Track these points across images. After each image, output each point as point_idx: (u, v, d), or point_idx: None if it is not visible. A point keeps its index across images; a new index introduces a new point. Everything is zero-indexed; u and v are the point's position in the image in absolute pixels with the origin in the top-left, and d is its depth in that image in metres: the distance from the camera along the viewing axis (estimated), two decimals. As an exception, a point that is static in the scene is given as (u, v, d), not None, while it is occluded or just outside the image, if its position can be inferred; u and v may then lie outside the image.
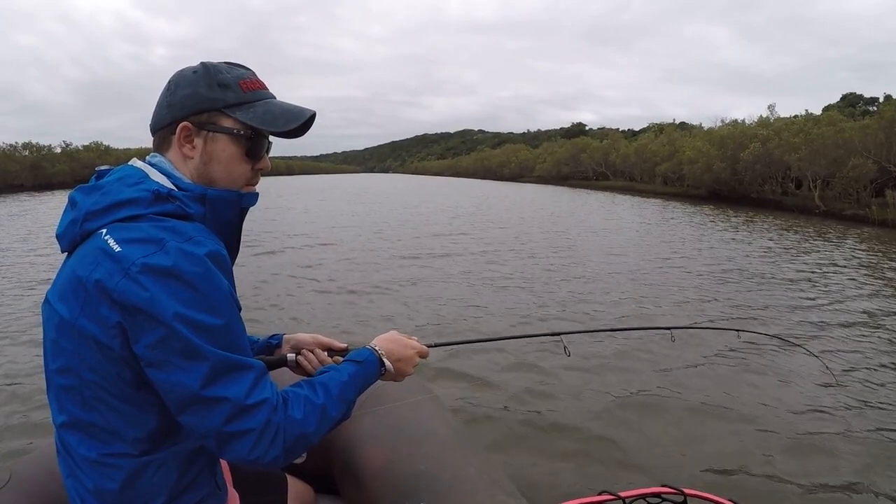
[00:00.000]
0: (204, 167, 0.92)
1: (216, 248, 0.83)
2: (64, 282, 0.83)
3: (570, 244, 11.73)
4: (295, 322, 5.69)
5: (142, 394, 0.83)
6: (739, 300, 6.90)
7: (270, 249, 10.48)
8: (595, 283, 7.64)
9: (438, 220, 17.52)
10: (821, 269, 9.45)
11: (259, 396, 0.81)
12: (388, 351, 1.08)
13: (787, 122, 28.31)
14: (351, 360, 1.02)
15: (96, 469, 0.85)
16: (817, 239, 14.13)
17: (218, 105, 0.90)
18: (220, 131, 0.91)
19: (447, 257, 9.86)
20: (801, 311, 6.41)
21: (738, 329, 2.18)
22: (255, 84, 0.94)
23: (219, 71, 0.91)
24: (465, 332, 5.18)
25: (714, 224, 17.25)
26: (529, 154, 76.70)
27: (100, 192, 0.85)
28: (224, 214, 0.92)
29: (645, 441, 3.25)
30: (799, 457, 3.11)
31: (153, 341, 0.77)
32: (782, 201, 25.26)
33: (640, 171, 42.26)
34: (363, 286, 7.32)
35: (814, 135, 23.18)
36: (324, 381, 0.94)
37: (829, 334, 5.47)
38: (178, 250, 0.78)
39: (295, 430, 0.84)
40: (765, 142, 25.99)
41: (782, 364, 4.43)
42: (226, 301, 0.82)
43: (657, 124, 59.46)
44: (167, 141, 0.93)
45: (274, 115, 0.93)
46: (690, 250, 11.17)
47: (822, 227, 17.55)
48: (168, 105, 0.91)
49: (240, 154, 0.93)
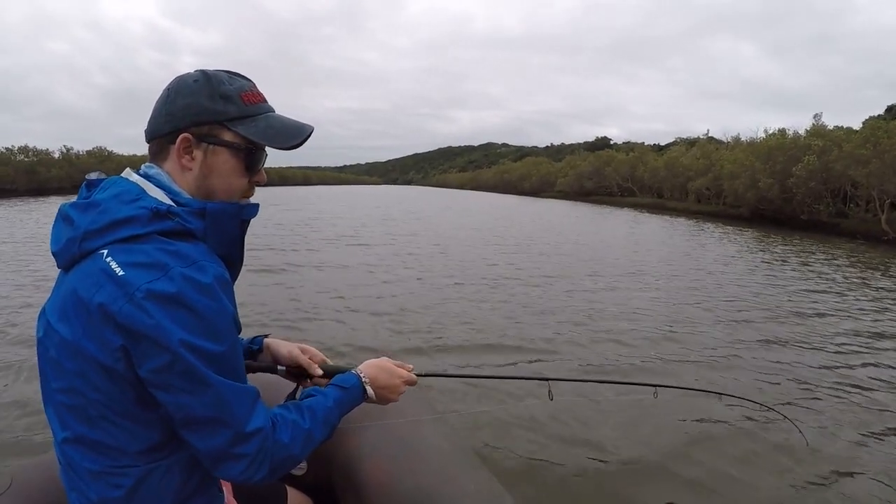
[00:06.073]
0: (203, 179, 0.92)
1: (220, 273, 0.85)
2: (64, 300, 0.83)
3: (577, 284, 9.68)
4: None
5: (147, 412, 0.84)
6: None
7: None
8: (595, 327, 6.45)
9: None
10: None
11: (256, 424, 0.85)
12: (374, 378, 1.10)
13: (848, 132, 25.01)
14: (337, 385, 1.06)
15: (101, 480, 0.86)
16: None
17: (220, 118, 0.90)
18: (222, 144, 0.91)
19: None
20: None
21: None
22: (256, 97, 0.94)
23: (221, 81, 0.90)
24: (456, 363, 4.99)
25: (763, 253, 14.64)
26: (551, 167, 75.44)
27: (97, 210, 0.84)
28: (225, 227, 0.92)
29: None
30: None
31: (158, 366, 0.78)
32: (839, 224, 22.34)
33: (669, 187, 40.56)
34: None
35: (886, 145, 19.80)
36: (311, 406, 0.98)
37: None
38: (182, 276, 0.79)
39: (282, 453, 0.89)
40: (821, 154, 22.85)
41: (751, 430, 3.70)
42: (229, 327, 0.85)
43: (685, 139, 57.13)
44: (165, 150, 0.91)
45: (275, 131, 0.94)
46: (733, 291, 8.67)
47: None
48: (167, 114, 0.90)
49: (239, 167, 0.93)
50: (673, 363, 5.10)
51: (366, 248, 12.73)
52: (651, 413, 3.81)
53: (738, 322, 6.75)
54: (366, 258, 11.03)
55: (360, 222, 20.38)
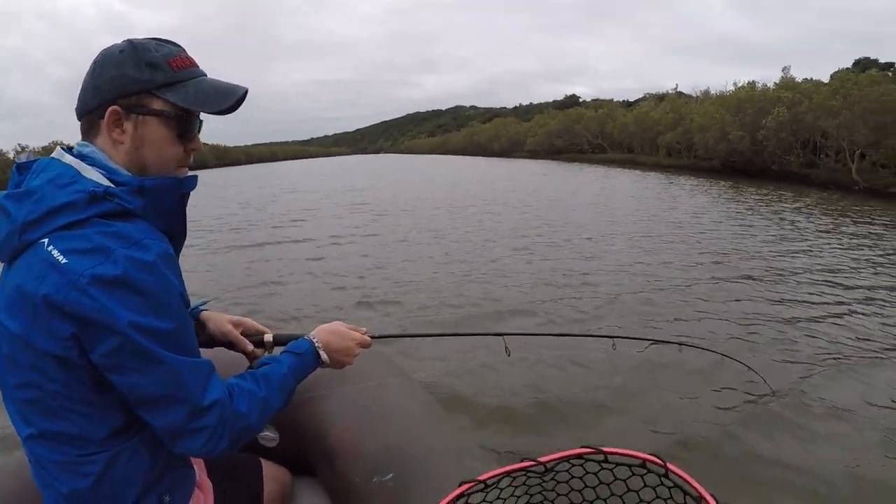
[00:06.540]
0: (135, 151, 0.89)
1: (163, 249, 0.83)
2: (9, 295, 0.81)
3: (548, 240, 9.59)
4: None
5: (105, 396, 0.83)
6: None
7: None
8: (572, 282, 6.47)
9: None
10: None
11: (213, 397, 0.84)
12: (327, 343, 1.08)
13: (817, 84, 24.90)
14: (291, 352, 1.04)
15: (69, 471, 0.84)
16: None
17: (147, 86, 0.86)
18: (151, 114, 0.87)
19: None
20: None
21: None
22: (185, 62, 0.90)
23: (146, 49, 0.86)
24: (415, 322, 5.03)
25: (735, 204, 14.63)
26: (520, 128, 74.74)
27: (32, 200, 0.81)
28: (165, 203, 0.89)
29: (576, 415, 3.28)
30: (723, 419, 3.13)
31: (109, 350, 0.77)
32: (810, 175, 22.30)
33: (640, 142, 40.44)
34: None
35: (855, 97, 19.56)
36: (266, 374, 0.96)
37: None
38: (125, 258, 0.77)
39: (240, 423, 0.88)
40: (791, 106, 22.62)
41: (711, 378, 3.63)
42: (176, 303, 0.83)
43: (654, 94, 56.97)
44: (96, 126, 0.88)
45: (206, 95, 0.90)
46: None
47: (867, 206, 14.54)
48: (94, 87, 0.86)
49: (171, 136, 0.90)
50: (637, 315, 5.05)
51: (337, 219, 12.42)
52: (609, 364, 3.83)
53: (707, 273, 6.71)
54: (332, 229, 10.71)
55: (322, 195, 19.82)
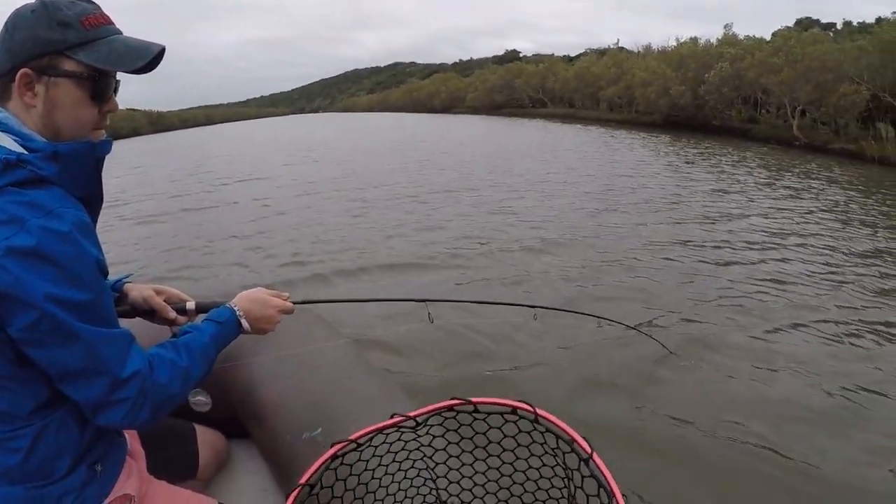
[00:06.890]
0: (48, 115, 0.86)
1: (78, 217, 0.81)
2: None
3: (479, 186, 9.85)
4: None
5: (28, 370, 0.82)
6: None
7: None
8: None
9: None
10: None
11: (132, 368, 0.84)
12: (247, 311, 1.08)
13: (759, 41, 24.79)
14: (212, 321, 1.04)
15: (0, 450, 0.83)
16: (814, 178, 11.17)
17: (58, 47, 0.83)
18: (62, 75, 0.85)
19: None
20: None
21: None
22: (98, 19, 0.87)
23: (58, 8, 0.83)
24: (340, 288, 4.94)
25: (674, 157, 14.54)
26: (460, 83, 72.76)
27: None
28: (80, 168, 0.87)
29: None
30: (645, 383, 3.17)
31: (26, 324, 0.76)
32: (751, 130, 22.11)
33: (581, 97, 39.78)
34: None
35: (797, 55, 19.33)
36: (187, 343, 0.96)
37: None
38: (40, 228, 0.76)
39: (162, 394, 0.87)
40: (734, 62, 22.33)
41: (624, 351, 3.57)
42: (94, 273, 0.82)
43: (595, 49, 56.33)
44: (8, 90, 0.86)
45: (119, 54, 0.87)
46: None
47: (808, 162, 14.32)
48: (6, 51, 0.84)
49: (85, 97, 0.87)
50: (563, 282, 4.89)
51: (264, 181, 11.95)
52: (529, 332, 3.82)
53: (641, 232, 6.49)
54: (260, 192, 10.26)
55: (257, 158, 18.52)
